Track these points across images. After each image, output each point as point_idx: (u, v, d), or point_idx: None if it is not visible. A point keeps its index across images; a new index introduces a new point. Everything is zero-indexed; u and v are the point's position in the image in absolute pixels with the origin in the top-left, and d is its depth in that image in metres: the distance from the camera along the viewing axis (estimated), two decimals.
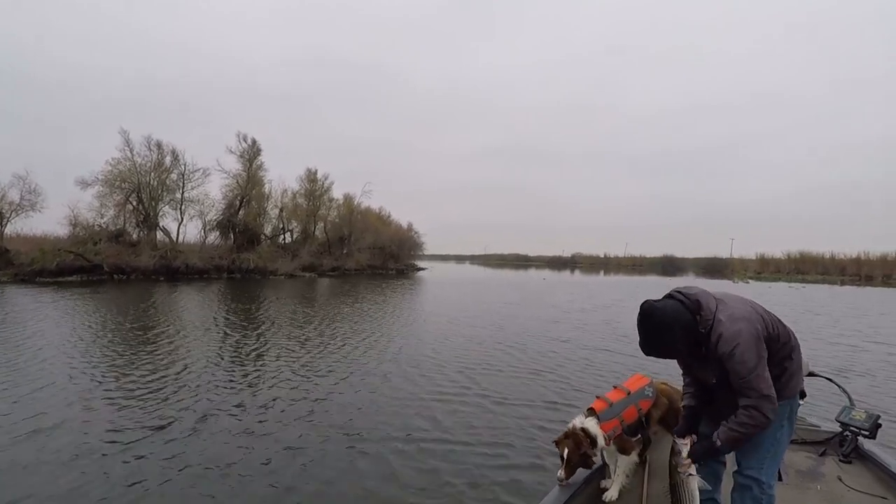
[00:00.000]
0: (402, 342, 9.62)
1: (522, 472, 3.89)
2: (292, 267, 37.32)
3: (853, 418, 3.08)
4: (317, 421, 5.00)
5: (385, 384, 6.43)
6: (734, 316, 1.88)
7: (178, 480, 3.65)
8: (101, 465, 3.88)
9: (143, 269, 28.79)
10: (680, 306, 1.92)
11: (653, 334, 1.91)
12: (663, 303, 1.95)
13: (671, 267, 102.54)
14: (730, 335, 1.83)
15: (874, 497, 2.55)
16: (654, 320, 1.89)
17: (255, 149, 39.30)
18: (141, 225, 33.41)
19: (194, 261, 31.72)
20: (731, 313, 1.89)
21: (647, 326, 1.91)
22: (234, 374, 6.74)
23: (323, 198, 47.07)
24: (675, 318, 1.88)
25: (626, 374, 2.87)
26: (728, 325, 1.85)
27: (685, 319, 1.89)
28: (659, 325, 1.89)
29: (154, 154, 33.72)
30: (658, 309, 1.91)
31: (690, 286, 2.04)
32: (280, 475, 3.78)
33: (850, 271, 62.24)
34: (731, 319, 1.86)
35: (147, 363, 7.19)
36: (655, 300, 1.97)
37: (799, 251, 72.94)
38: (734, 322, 1.86)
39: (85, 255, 27.15)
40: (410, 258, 59.12)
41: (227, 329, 10.79)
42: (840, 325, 14.05)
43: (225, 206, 37.92)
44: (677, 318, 1.88)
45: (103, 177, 31.25)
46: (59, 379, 6.27)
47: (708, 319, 1.89)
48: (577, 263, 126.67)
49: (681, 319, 1.88)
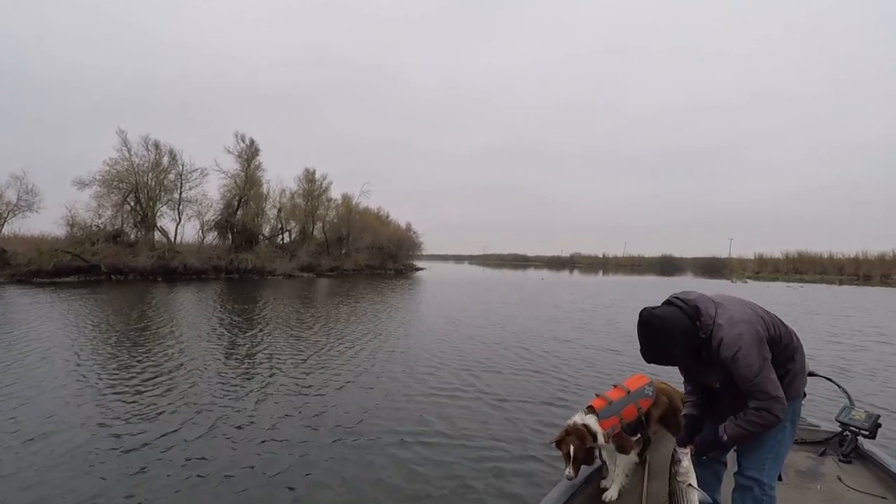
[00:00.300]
0: (404, 342, 9.59)
1: (537, 464, 3.98)
2: (290, 267, 37.24)
3: (853, 418, 3.08)
4: (328, 422, 4.98)
5: (393, 384, 6.43)
6: (734, 319, 1.86)
7: (189, 482, 3.62)
8: (113, 465, 3.86)
9: (140, 270, 28.69)
10: (679, 312, 1.91)
11: (652, 341, 1.90)
12: (662, 309, 1.93)
13: (669, 267, 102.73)
14: (731, 339, 1.82)
15: (874, 497, 2.54)
16: (653, 327, 1.88)
17: (253, 149, 39.29)
18: (139, 225, 33.35)
19: (192, 261, 31.63)
20: (731, 316, 1.87)
21: (647, 333, 1.90)
22: (240, 376, 6.71)
23: (321, 198, 47.05)
24: (674, 324, 1.87)
25: (627, 373, 2.86)
26: (728, 329, 1.83)
27: (684, 325, 1.88)
28: (658, 332, 1.88)
29: (152, 154, 33.77)
30: (656, 316, 1.89)
31: (689, 291, 2.04)
32: (290, 477, 3.75)
33: (849, 271, 62.44)
34: (732, 323, 1.85)
35: (150, 364, 7.15)
36: (654, 307, 1.95)
37: (797, 251, 73.23)
38: (734, 326, 1.84)
39: (82, 255, 27.05)
40: (409, 258, 59.07)
41: (228, 330, 10.75)
42: (840, 324, 14.06)
43: (223, 207, 37.91)
44: (676, 324, 1.87)
45: (101, 177, 31.26)
46: (64, 380, 6.24)
47: (708, 324, 1.88)
48: (576, 263, 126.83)
49: (680, 325, 1.87)
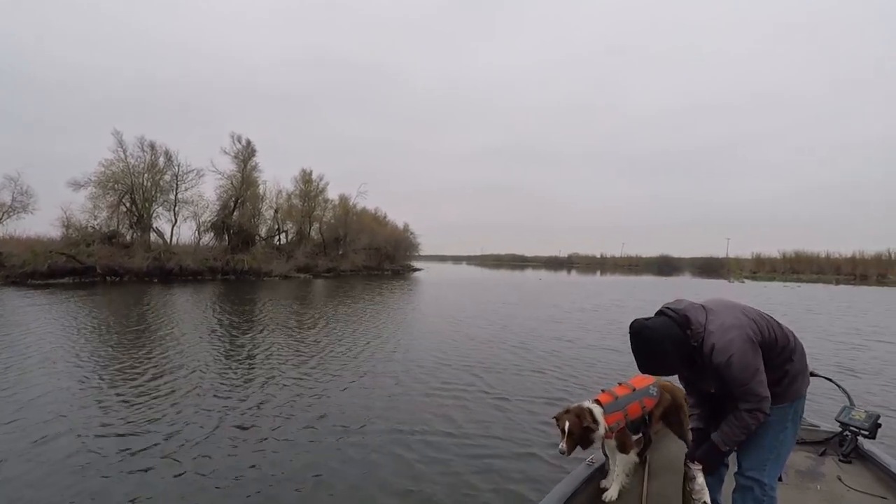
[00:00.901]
0: (404, 343, 9.55)
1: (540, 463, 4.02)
2: (287, 268, 37.13)
3: (853, 418, 3.07)
4: (331, 422, 4.95)
5: (394, 385, 6.41)
6: (725, 325, 1.89)
7: (195, 483, 3.60)
8: (117, 465, 3.84)
9: (136, 271, 28.59)
10: (669, 322, 1.95)
11: (644, 352, 1.94)
12: (652, 320, 1.98)
13: (667, 267, 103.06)
14: (723, 346, 1.84)
15: (874, 497, 2.54)
16: (644, 337, 1.93)
17: (249, 150, 39.18)
18: (134, 226, 33.22)
19: (188, 262, 31.52)
20: (722, 322, 1.90)
21: (638, 344, 1.94)
22: (241, 377, 6.67)
23: (318, 198, 46.92)
24: (664, 333, 1.91)
25: (630, 373, 2.86)
26: (719, 335, 1.86)
27: (674, 334, 1.91)
28: (649, 342, 1.92)
29: (147, 155, 33.65)
30: (647, 327, 1.94)
31: (679, 300, 2.06)
32: (296, 477, 3.72)
33: (846, 270, 62.65)
34: (722, 329, 1.87)
35: (151, 366, 7.09)
36: (645, 318, 2.00)
37: (795, 251, 73.46)
38: (726, 332, 1.87)
39: (77, 256, 26.91)
40: (406, 259, 59.04)
41: (227, 331, 10.68)
42: (839, 323, 14.10)
43: (219, 208, 37.80)
44: (667, 333, 1.91)
45: (96, 178, 31.14)
46: (66, 382, 6.20)
47: (699, 332, 1.91)
48: (574, 264, 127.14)
49: (670, 334, 1.91)
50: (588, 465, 2.84)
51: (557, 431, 2.66)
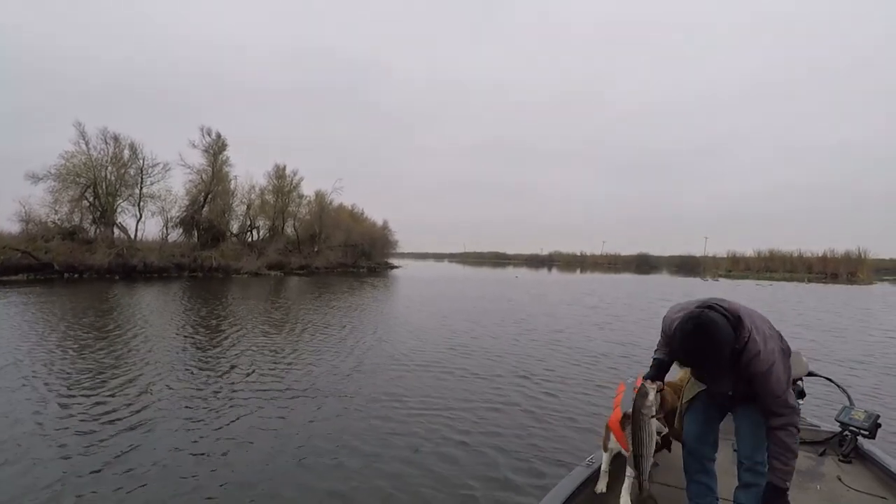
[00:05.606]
0: (379, 340, 9.24)
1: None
2: (257, 265, 36.25)
3: (853, 418, 3.05)
4: (318, 429, 4.66)
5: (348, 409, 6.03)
6: (765, 334, 1.87)
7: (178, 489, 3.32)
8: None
9: (97, 268, 27.38)
10: (726, 321, 1.81)
11: (704, 348, 1.79)
12: (715, 315, 1.82)
13: (645, 265, 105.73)
14: (766, 354, 1.82)
15: (874, 497, 2.52)
16: (709, 333, 1.77)
17: (220, 143, 38.14)
18: (97, 221, 31.84)
19: (153, 259, 30.33)
20: (763, 331, 1.87)
21: (699, 339, 1.79)
22: (214, 383, 6.22)
23: (292, 194, 46.07)
24: (727, 333, 1.78)
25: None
26: (762, 343, 1.83)
27: (730, 335, 1.80)
28: (713, 339, 1.77)
29: (111, 147, 32.24)
30: (714, 322, 1.78)
31: (722, 299, 1.94)
32: (303, 479, 3.58)
33: (817, 269, 65.14)
34: (764, 338, 1.85)
35: (118, 371, 6.55)
36: (702, 310, 1.84)
37: (769, 249, 75.98)
38: (767, 340, 1.85)
39: (33, 252, 25.56)
40: (384, 256, 58.66)
41: (196, 333, 10.12)
42: (821, 323, 14.39)
43: (188, 203, 36.56)
44: (729, 333, 1.79)
45: (56, 171, 29.66)
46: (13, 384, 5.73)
47: (744, 336, 1.83)
48: (555, 261, 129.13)
49: (728, 335, 1.79)
50: (588, 465, 2.70)
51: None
